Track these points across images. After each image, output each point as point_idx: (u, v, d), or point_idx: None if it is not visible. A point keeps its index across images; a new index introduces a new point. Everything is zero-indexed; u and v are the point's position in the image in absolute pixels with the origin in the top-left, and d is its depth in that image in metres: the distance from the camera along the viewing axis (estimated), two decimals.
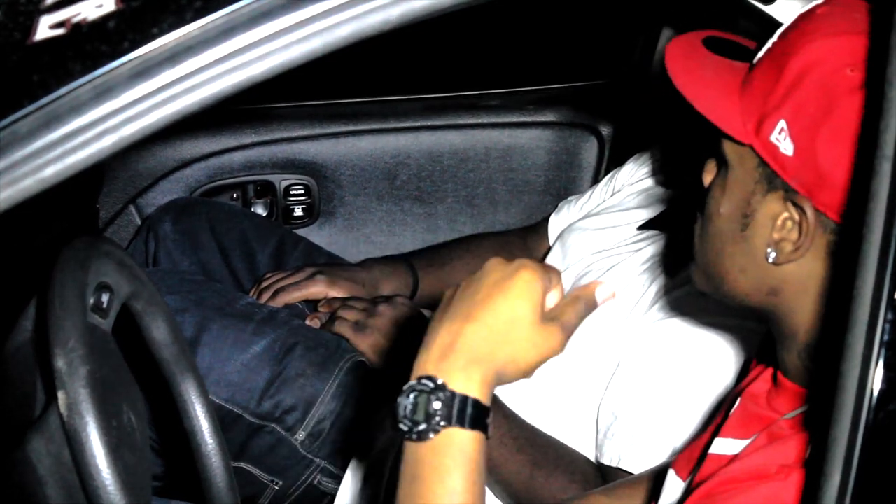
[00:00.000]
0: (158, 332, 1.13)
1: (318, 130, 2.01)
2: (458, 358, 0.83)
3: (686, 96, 0.88)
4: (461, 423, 0.84)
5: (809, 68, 0.82)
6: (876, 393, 0.68)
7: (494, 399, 1.42)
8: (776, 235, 0.85)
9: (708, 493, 0.85)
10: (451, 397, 0.83)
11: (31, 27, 0.85)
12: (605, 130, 2.09)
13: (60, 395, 0.90)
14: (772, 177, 0.84)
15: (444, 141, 2.04)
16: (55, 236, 1.47)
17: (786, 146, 0.82)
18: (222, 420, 1.33)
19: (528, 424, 1.41)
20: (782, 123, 0.82)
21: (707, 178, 0.94)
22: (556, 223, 1.77)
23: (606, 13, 2.22)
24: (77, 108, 0.79)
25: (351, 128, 2.01)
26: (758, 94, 0.85)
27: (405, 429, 0.82)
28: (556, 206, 1.81)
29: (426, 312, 1.57)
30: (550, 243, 1.75)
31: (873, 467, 0.68)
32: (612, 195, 1.71)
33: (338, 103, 2.04)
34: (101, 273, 1.03)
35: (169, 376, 1.14)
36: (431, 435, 0.83)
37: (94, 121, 0.79)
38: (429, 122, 2.04)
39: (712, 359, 1.26)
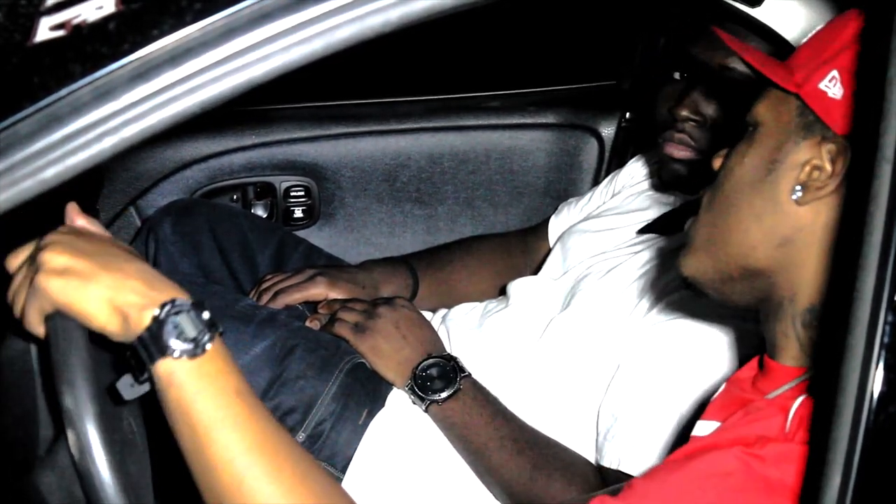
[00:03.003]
0: None
1: (318, 132, 2.01)
2: (167, 283, 0.89)
3: (737, 51, 0.92)
4: (216, 327, 0.89)
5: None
6: (876, 395, 0.68)
7: (495, 401, 1.43)
8: (804, 178, 0.86)
9: (686, 454, 0.85)
10: (204, 306, 0.88)
11: (31, 29, 0.85)
12: (605, 132, 2.09)
13: (70, 435, 0.90)
14: (811, 124, 0.87)
15: (444, 142, 2.04)
16: None
17: (835, 91, 0.85)
18: None
19: (528, 426, 1.41)
20: (834, 73, 0.86)
21: (717, 162, 0.96)
22: (556, 225, 1.77)
23: (607, 14, 2.23)
24: (77, 110, 0.79)
25: (351, 129, 2.02)
26: (803, 58, 0.89)
27: (188, 348, 0.85)
28: (556, 208, 1.81)
29: (426, 314, 1.57)
30: (550, 245, 1.75)
31: (873, 469, 0.68)
32: (612, 197, 1.71)
33: (338, 105, 2.04)
34: None
35: None
36: (210, 344, 0.86)
37: (95, 122, 0.79)
38: (429, 124, 2.04)
39: (711, 361, 1.26)
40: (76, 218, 0.98)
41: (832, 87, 0.86)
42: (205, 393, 0.85)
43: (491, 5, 0.85)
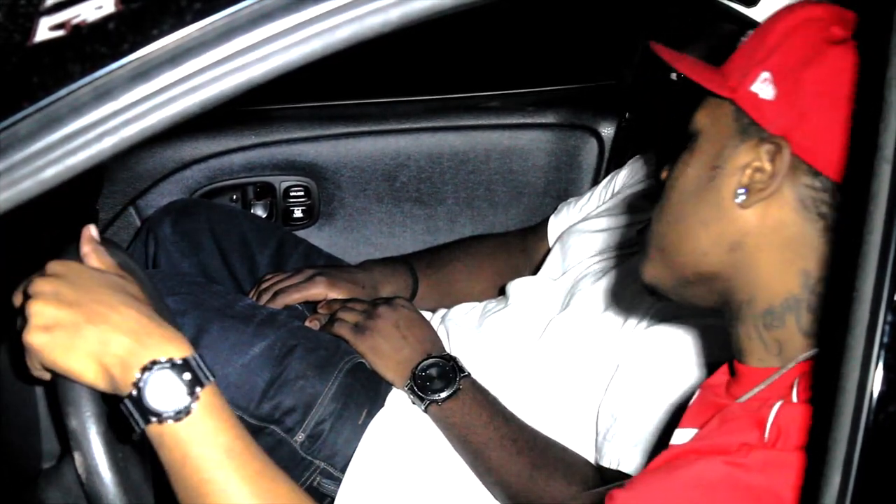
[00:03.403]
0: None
1: (317, 132, 2.01)
2: (155, 333, 0.87)
3: (673, 64, 0.93)
4: (207, 379, 0.88)
5: (795, 27, 0.86)
6: (876, 395, 0.68)
7: (494, 401, 1.43)
8: (745, 181, 0.86)
9: (666, 461, 0.85)
10: (188, 363, 0.87)
11: (30, 29, 0.85)
12: (604, 132, 2.09)
13: (77, 456, 0.90)
14: (747, 127, 0.87)
15: (443, 142, 2.04)
16: (55, 238, 1.47)
17: (766, 92, 0.86)
18: None
19: (527, 426, 1.41)
20: (765, 74, 0.86)
21: (664, 174, 0.97)
22: (555, 225, 1.77)
23: (607, 14, 2.22)
24: (77, 110, 0.79)
25: (351, 129, 2.02)
26: (737, 62, 0.90)
27: (169, 414, 0.84)
28: (555, 208, 1.81)
29: (426, 314, 1.57)
30: (550, 245, 1.75)
31: (873, 469, 0.68)
32: (611, 197, 1.71)
33: (338, 105, 2.04)
34: None
35: None
36: (194, 406, 0.85)
37: (94, 122, 0.79)
38: (429, 124, 2.04)
39: (711, 360, 1.26)
40: (84, 244, 0.97)
41: (764, 88, 0.86)
42: (193, 455, 0.85)
43: (490, 5, 0.85)
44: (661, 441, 1.27)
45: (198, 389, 0.86)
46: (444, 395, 1.41)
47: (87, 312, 0.87)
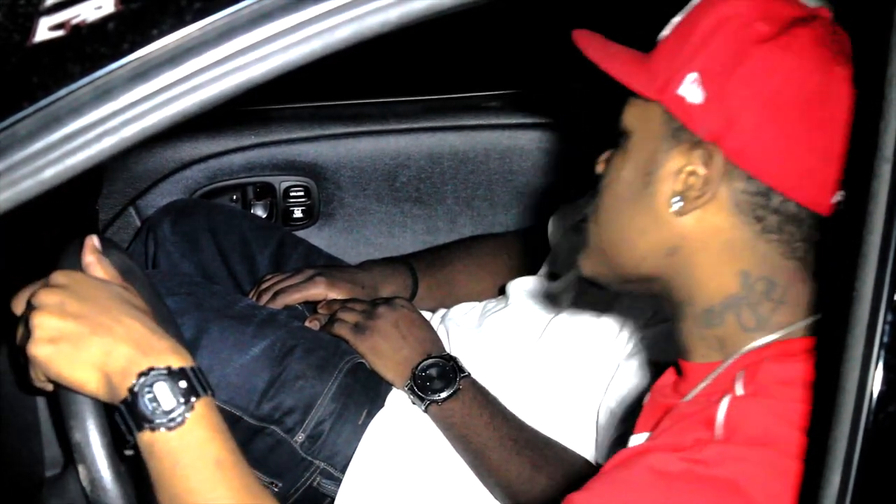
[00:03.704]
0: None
1: (317, 132, 2.01)
2: (156, 343, 0.88)
3: (595, 61, 0.92)
4: (204, 391, 0.88)
5: (720, 25, 0.84)
6: (876, 394, 0.68)
7: (494, 401, 1.43)
8: (679, 187, 0.85)
9: (621, 461, 0.84)
10: (185, 373, 0.87)
11: (30, 29, 0.85)
12: (605, 132, 2.09)
13: (81, 469, 0.90)
14: (677, 131, 0.86)
15: (443, 142, 2.04)
16: (55, 238, 1.47)
17: (694, 96, 0.84)
18: None
19: (527, 426, 1.41)
20: (693, 75, 0.84)
21: (601, 166, 0.96)
22: (555, 225, 1.77)
23: (607, 14, 2.22)
24: (77, 110, 0.79)
25: (351, 129, 2.01)
26: (664, 59, 0.88)
27: (162, 421, 0.85)
28: (555, 208, 1.81)
29: (426, 314, 1.57)
30: (550, 245, 1.75)
31: (873, 469, 0.68)
32: None
33: (338, 105, 2.04)
34: None
35: None
36: (187, 415, 0.85)
37: (94, 122, 0.79)
38: (428, 124, 2.04)
39: None
40: (87, 254, 0.97)
41: (692, 91, 0.84)
42: (182, 465, 0.85)
43: (490, 4, 0.85)
44: None
45: (193, 399, 0.86)
46: (444, 395, 1.41)
47: (92, 324, 0.88)
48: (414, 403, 1.44)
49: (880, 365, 0.67)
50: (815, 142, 0.82)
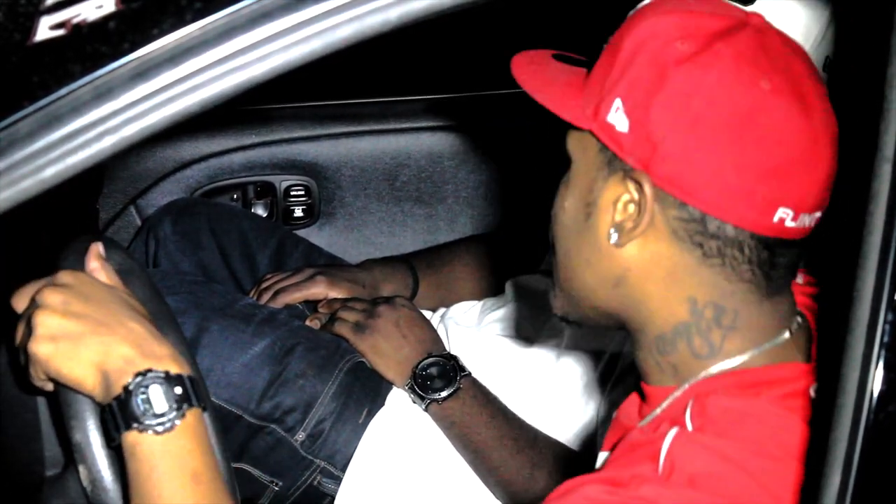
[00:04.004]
0: (137, 292, 1.12)
1: (318, 131, 2.00)
2: (157, 348, 0.88)
3: (527, 90, 0.90)
4: (198, 402, 0.88)
5: (640, 46, 0.82)
6: (876, 394, 0.68)
7: (495, 400, 1.43)
8: (618, 218, 0.84)
9: (566, 490, 0.84)
10: (182, 380, 0.87)
11: (31, 28, 0.85)
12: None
13: (82, 469, 0.90)
14: (611, 159, 0.84)
15: (444, 142, 2.04)
16: (55, 237, 1.47)
17: (621, 124, 0.82)
18: (222, 421, 1.33)
19: (528, 425, 1.42)
20: (618, 102, 0.82)
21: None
22: None
23: (606, 14, 2.22)
24: (77, 109, 0.79)
25: (351, 129, 2.01)
26: (595, 82, 0.86)
27: (151, 423, 0.85)
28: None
29: (426, 313, 1.57)
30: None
31: (873, 469, 0.68)
32: None
33: (338, 104, 2.04)
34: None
35: None
36: (177, 422, 0.85)
37: (95, 121, 0.79)
38: (429, 123, 2.04)
39: None
40: (92, 259, 0.97)
41: (619, 119, 0.82)
42: (160, 471, 0.85)
43: (491, 4, 0.85)
44: None
45: (185, 407, 0.86)
46: (444, 394, 1.41)
47: (93, 323, 0.88)
48: (414, 402, 1.44)
49: (880, 364, 0.67)
50: (746, 161, 0.79)
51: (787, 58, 0.82)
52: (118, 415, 0.85)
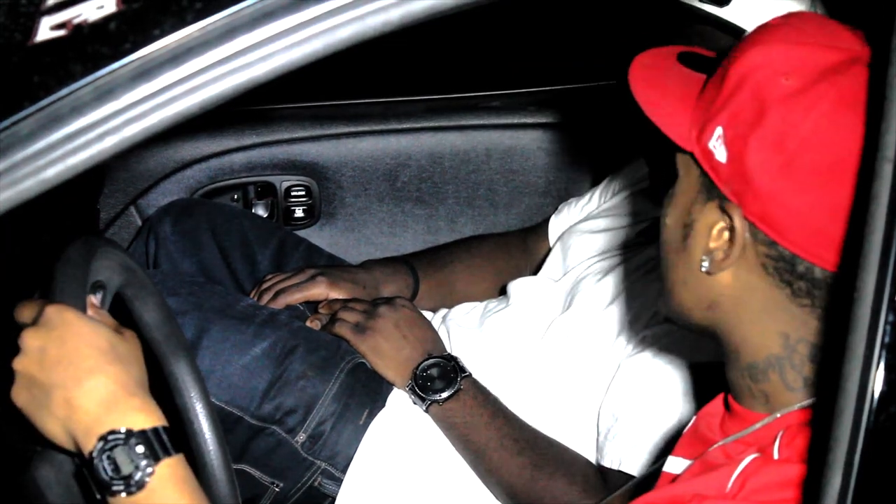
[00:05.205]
0: (149, 314, 1.12)
1: (318, 132, 2.01)
2: (123, 402, 0.86)
3: (639, 102, 0.88)
4: (167, 453, 0.86)
5: (747, 75, 0.81)
6: (877, 395, 0.68)
7: (495, 401, 1.43)
8: (712, 245, 0.84)
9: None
10: (145, 436, 0.85)
11: (32, 28, 0.85)
12: (606, 132, 2.09)
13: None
14: (710, 185, 0.83)
15: (445, 142, 2.04)
16: (56, 237, 1.47)
17: (720, 152, 0.81)
18: (223, 422, 1.33)
19: (528, 426, 1.41)
20: (719, 130, 0.82)
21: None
22: (556, 225, 1.77)
23: (607, 14, 2.23)
24: (78, 110, 0.79)
25: (352, 129, 2.02)
26: (705, 102, 0.85)
27: (120, 488, 0.83)
28: (556, 208, 1.81)
29: (427, 314, 1.57)
30: (550, 245, 1.75)
31: (874, 470, 0.68)
32: (612, 197, 1.71)
33: (339, 104, 2.04)
34: (95, 273, 1.02)
35: (161, 356, 1.12)
36: (147, 479, 0.84)
37: (95, 122, 0.79)
38: (430, 124, 2.04)
39: (711, 359, 1.26)
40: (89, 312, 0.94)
41: (718, 148, 0.82)
42: None
43: (491, 5, 0.85)
44: (662, 442, 1.27)
45: (151, 463, 0.84)
46: (445, 395, 1.41)
47: (63, 377, 0.86)
48: (415, 403, 1.44)
49: (881, 365, 0.67)
50: (837, 206, 0.78)
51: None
52: (91, 481, 0.85)
